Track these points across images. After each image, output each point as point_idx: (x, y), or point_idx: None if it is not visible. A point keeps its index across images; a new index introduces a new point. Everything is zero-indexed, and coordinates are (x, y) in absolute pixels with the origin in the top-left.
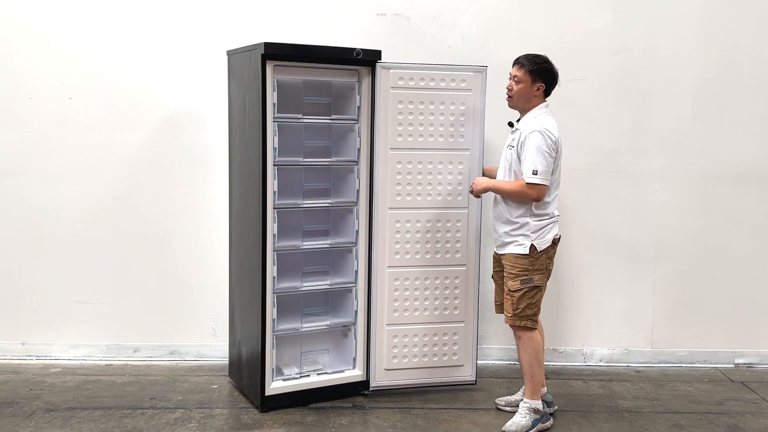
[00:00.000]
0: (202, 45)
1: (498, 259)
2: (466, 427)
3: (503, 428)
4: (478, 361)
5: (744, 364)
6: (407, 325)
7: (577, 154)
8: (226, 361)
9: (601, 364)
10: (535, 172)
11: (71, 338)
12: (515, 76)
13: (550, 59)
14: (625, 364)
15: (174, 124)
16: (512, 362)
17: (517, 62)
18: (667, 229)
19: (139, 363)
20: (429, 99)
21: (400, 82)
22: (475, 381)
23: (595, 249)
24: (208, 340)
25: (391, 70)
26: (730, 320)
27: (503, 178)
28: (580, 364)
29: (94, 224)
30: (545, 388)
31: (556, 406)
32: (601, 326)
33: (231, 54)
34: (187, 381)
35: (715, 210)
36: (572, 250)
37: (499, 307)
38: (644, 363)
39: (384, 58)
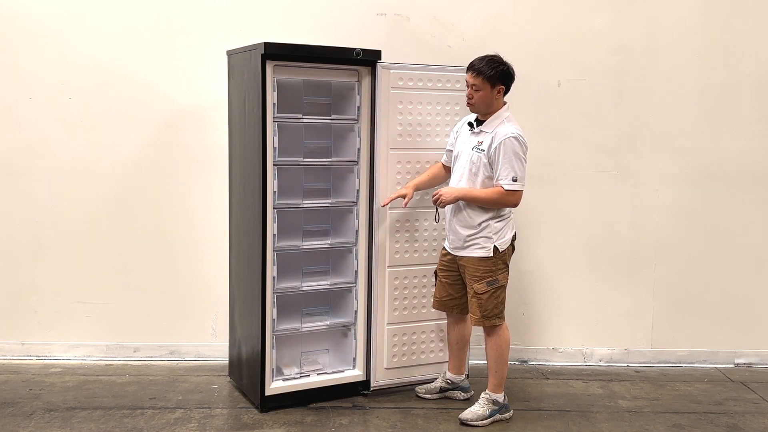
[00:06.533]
0: (202, 45)
1: (452, 259)
2: (466, 427)
3: (460, 416)
4: (472, 361)
5: (744, 364)
6: (407, 324)
7: (577, 154)
8: (226, 361)
9: (601, 364)
10: (515, 179)
11: (71, 338)
12: (473, 85)
13: (503, 58)
14: (625, 364)
15: (174, 124)
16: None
17: (473, 69)
18: (667, 229)
19: (139, 363)
20: (429, 99)
21: (400, 83)
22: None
23: (595, 249)
24: (208, 340)
25: (391, 71)
26: (730, 320)
27: (467, 182)
28: (580, 364)
29: (94, 224)
30: (462, 376)
31: (473, 392)
32: (601, 326)
33: (231, 54)
34: (187, 381)
35: (715, 210)
36: (572, 250)
37: (442, 305)
38: (644, 363)
39: (384, 58)
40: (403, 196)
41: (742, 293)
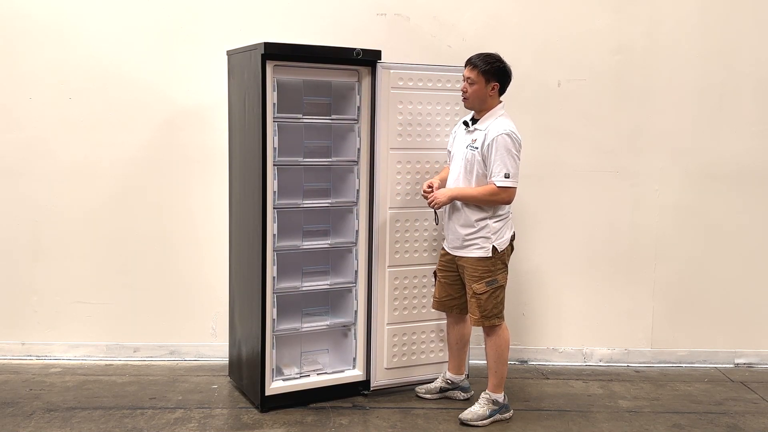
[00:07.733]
0: (202, 45)
1: (451, 259)
2: (466, 427)
3: (460, 416)
4: (472, 361)
5: (744, 364)
6: (407, 324)
7: (577, 154)
8: (226, 361)
9: (601, 364)
10: (507, 175)
11: (71, 338)
12: (468, 78)
13: (502, 57)
14: (625, 364)
15: (174, 124)
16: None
17: (470, 63)
18: (667, 229)
19: (139, 363)
20: (429, 99)
21: (400, 83)
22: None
23: (595, 249)
24: (208, 340)
25: (391, 71)
26: (730, 320)
27: (463, 181)
28: (580, 364)
29: (94, 224)
30: (462, 376)
31: (473, 392)
32: (601, 326)
33: (231, 54)
34: (187, 381)
35: (715, 210)
36: (572, 250)
37: (441, 305)
38: (644, 363)
39: (384, 58)
40: (431, 185)
41: (742, 293)
